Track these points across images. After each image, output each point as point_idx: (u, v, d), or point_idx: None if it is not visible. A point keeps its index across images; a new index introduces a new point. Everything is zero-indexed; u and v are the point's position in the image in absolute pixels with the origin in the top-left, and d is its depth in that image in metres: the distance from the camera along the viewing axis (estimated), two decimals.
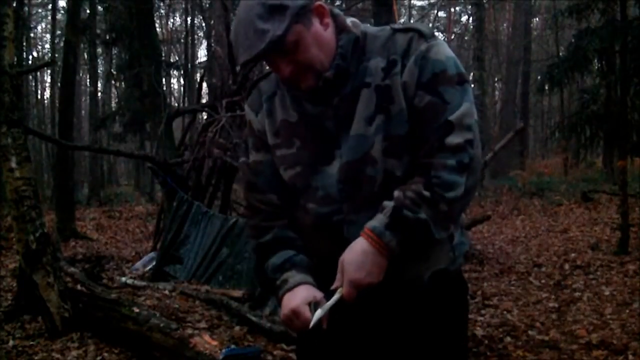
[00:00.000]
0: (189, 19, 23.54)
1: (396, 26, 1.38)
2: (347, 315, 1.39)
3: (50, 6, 22.19)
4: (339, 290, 1.32)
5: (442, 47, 1.33)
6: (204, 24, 22.95)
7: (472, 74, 17.23)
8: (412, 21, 25.20)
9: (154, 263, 6.63)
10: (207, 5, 19.36)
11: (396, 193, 1.28)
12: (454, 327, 1.46)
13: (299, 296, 1.36)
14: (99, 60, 23.28)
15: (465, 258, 1.55)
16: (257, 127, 1.47)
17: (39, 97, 26.20)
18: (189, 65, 22.72)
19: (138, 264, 7.06)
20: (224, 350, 3.40)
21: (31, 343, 3.87)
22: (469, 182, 1.29)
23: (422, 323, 1.40)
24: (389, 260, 1.29)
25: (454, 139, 1.27)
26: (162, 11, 24.71)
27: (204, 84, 11.97)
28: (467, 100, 1.30)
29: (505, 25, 27.69)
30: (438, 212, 1.27)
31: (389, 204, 1.28)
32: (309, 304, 1.35)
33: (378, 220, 1.28)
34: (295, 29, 1.27)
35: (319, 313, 1.32)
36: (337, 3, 18.02)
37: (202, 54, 28.28)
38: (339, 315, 1.36)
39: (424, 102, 1.30)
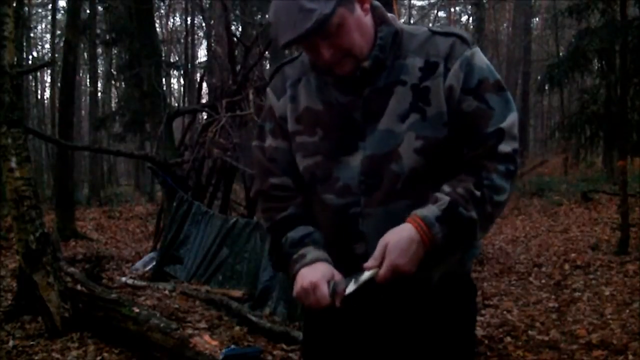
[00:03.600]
0: (189, 19, 23.51)
1: (434, 29, 1.39)
2: (355, 312, 1.38)
3: (50, 6, 22.18)
4: (373, 270, 1.27)
5: (482, 55, 1.36)
6: (204, 24, 22.92)
7: None
8: (412, 21, 25.21)
9: (154, 263, 6.63)
10: (207, 5, 19.33)
11: (446, 188, 1.28)
12: (461, 328, 1.45)
13: (320, 271, 1.32)
14: (99, 60, 23.28)
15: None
16: (278, 113, 1.45)
17: (39, 97, 26.16)
18: (189, 65, 22.67)
19: (138, 264, 7.07)
20: (224, 350, 3.40)
21: (31, 343, 3.87)
22: (511, 190, 1.31)
23: (429, 323, 1.39)
24: (427, 253, 1.26)
25: (505, 148, 1.29)
26: (162, 11, 24.69)
27: (204, 84, 11.94)
28: (513, 109, 1.33)
29: (505, 25, 27.66)
30: (484, 213, 1.27)
31: (443, 197, 1.26)
32: (328, 282, 1.31)
33: (429, 211, 1.26)
34: (339, 11, 1.26)
35: (352, 286, 1.28)
36: None
37: (202, 54, 28.20)
38: (347, 312, 1.35)
39: (472, 108, 1.31)
